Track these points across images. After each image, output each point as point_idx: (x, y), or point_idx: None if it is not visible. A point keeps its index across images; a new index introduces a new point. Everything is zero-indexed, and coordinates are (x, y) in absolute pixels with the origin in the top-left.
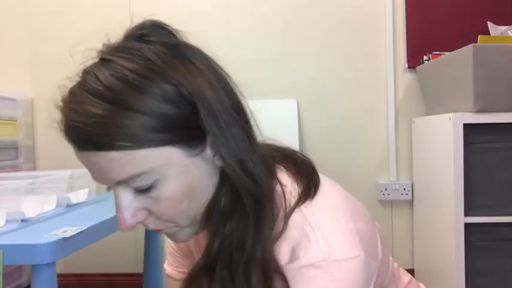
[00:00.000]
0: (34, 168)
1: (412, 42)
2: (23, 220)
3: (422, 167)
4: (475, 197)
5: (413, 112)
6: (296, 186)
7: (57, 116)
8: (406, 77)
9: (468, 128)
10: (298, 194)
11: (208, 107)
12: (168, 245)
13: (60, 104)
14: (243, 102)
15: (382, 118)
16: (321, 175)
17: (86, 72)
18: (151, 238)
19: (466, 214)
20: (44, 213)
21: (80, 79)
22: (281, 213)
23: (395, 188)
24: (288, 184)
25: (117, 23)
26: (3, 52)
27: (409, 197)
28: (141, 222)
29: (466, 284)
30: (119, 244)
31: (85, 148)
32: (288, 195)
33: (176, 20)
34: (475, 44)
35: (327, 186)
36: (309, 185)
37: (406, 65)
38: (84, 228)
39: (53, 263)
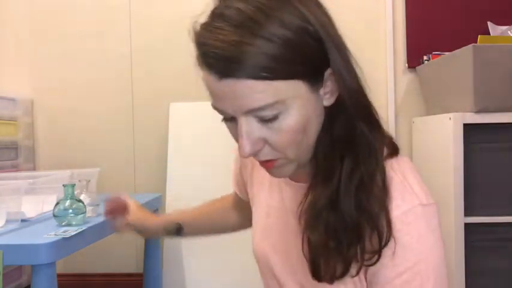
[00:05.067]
0: (34, 168)
1: (412, 42)
2: (23, 220)
3: (422, 167)
4: (475, 197)
5: (413, 112)
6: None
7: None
8: (406, 77)
9: (468, 128)
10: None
11: (334, 42)
12: (236, 179)
13: (202, 39)
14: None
15: (382, 118)
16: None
17: (224, 7)
18: (151, 238)
19: (466, 214)
20: (44, 213)
21: (210, 18)
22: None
23: None
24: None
25: (117, 23)
26: (3, 52)
27: None
28: (258, 152)
29: (466, 284)
30: (119, 244)
31: (229, 76)
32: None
33: (176, 19)
34: (475, 44)
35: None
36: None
37: (406, 65)
38: (84, 228)
39: (53, 263)
